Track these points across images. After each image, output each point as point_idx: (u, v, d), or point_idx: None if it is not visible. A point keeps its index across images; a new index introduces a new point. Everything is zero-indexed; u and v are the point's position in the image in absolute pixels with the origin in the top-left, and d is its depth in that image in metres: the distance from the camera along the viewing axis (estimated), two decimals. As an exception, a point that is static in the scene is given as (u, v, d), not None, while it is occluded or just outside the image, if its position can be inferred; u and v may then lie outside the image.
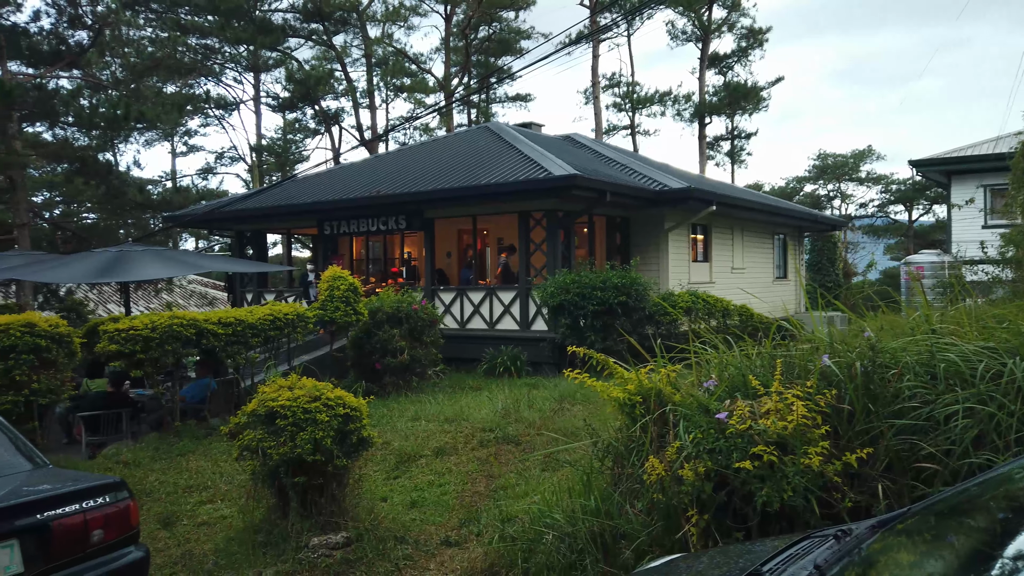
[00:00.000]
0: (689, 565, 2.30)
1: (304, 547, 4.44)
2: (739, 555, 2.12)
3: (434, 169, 15.73)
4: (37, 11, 23.02)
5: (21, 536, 3.14)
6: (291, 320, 9.75)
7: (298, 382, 4.92)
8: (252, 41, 33.59)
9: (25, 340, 6.70)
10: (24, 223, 21.81)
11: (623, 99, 42.14)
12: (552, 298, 12.36)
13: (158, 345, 8.15)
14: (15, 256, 11.49)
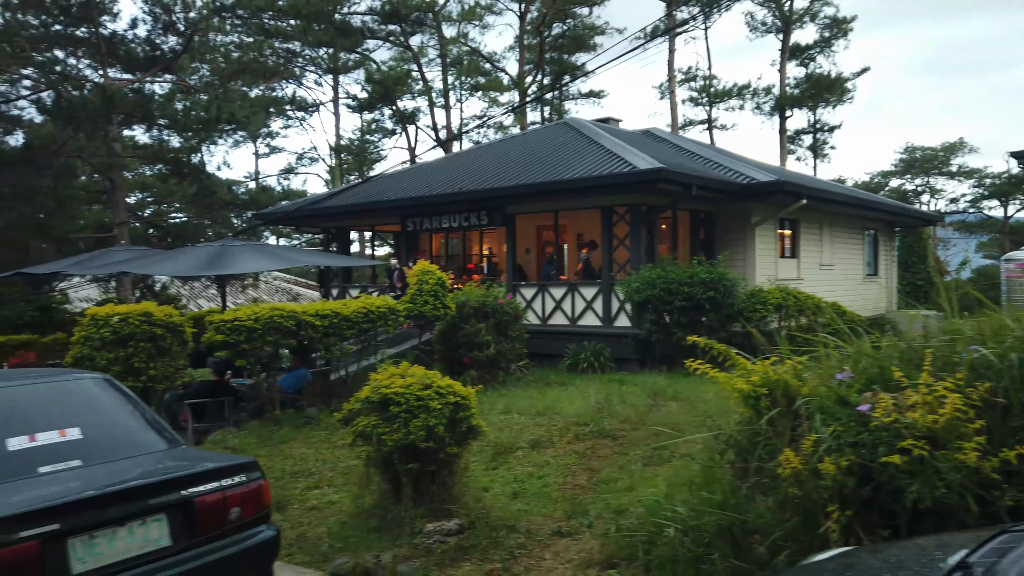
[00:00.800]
0: (875, 556, 2.19)
1: (419, 532, 4.49)
2: (928, 548, 2.01)
3: (515, 165, 15.77)
4: (134, 19, 24.11)
5: (168, 511, 3.27)
6: (383, 313, 9.93)
7: (408, 370, 4.99)
8: (332, 44, 34.48)
9: (143, 329, 7.03)
10: (123, 222, 22.99)
11: (700, 93, 41.31)
12: (637, 293, 12.19)
13: (260, 336, 8.43)
14: (122, 251, 12.12)
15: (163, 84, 24.94)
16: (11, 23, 20.29)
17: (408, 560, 4.25)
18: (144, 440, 3.81)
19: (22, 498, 3.08)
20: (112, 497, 3.12)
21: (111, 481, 3.32)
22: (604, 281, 13.91)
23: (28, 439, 3.44)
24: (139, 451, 3.71)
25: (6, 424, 3.51)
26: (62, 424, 3.62)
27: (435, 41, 38.09)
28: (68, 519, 2.94)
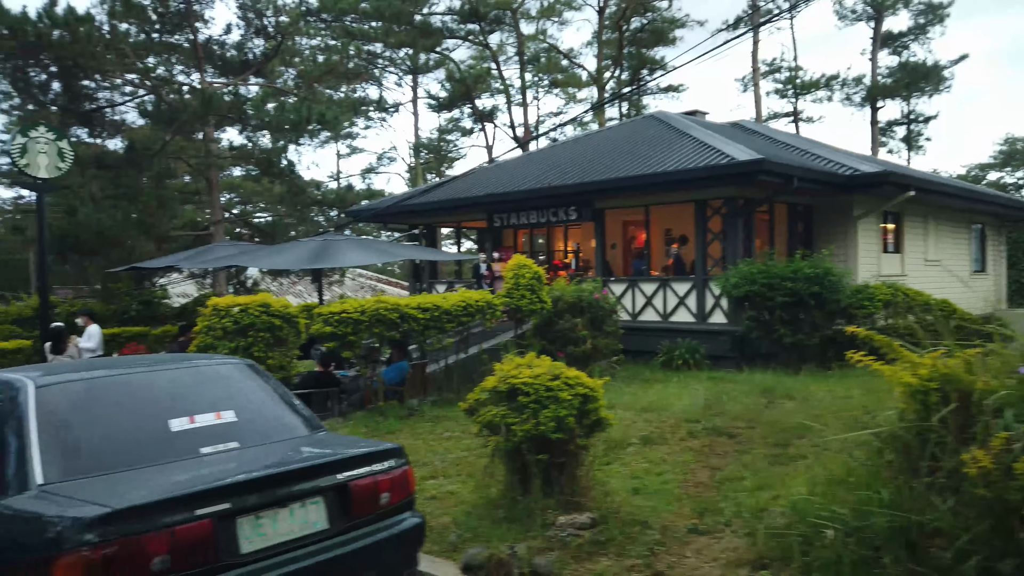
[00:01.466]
0: None
1: (551, 525, 4.42)
2: None
3: (603, 160, 15.57)
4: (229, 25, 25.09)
5: (325, 494, 3.28)
6: (481, 307, 9.94)
7: (534, 360, 4.92)
8: (413, 44, 34.97)
9: (262, 319, 7.23)
10: (218, 220, 23.91)
11: (785, 85, 39.97)
12: (736, 289, 11.83)
13: (366, 327, 8.56)
14: (227, 246, 12.57)
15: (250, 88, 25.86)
16: (115, 32, 21.33)
17: (544, 553, 4.17)
18: (290, 424, 3.86)
19: (191, 477, 3.14)
20: (276, 479, 3.15)
21: (271, 463, 3.36)
22: (698, 276, 13.57)
23: (189, 420, 3.52)
24: (288, 434, 3.76)
25: (168, 406, 3.61)
26: (217, 407, 3.70)
27: (513, 39, 38.17)
28: (237, 499, 2.98)
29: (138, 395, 3.65)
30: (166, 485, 3.00)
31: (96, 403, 3.52)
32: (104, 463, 3.20)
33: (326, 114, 21.58)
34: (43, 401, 3.36)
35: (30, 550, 2.76)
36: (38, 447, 3.16)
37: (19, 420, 3.27)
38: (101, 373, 3.76)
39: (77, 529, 2.64)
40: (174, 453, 3.35)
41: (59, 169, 12.68)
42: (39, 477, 3.05)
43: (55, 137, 12.69)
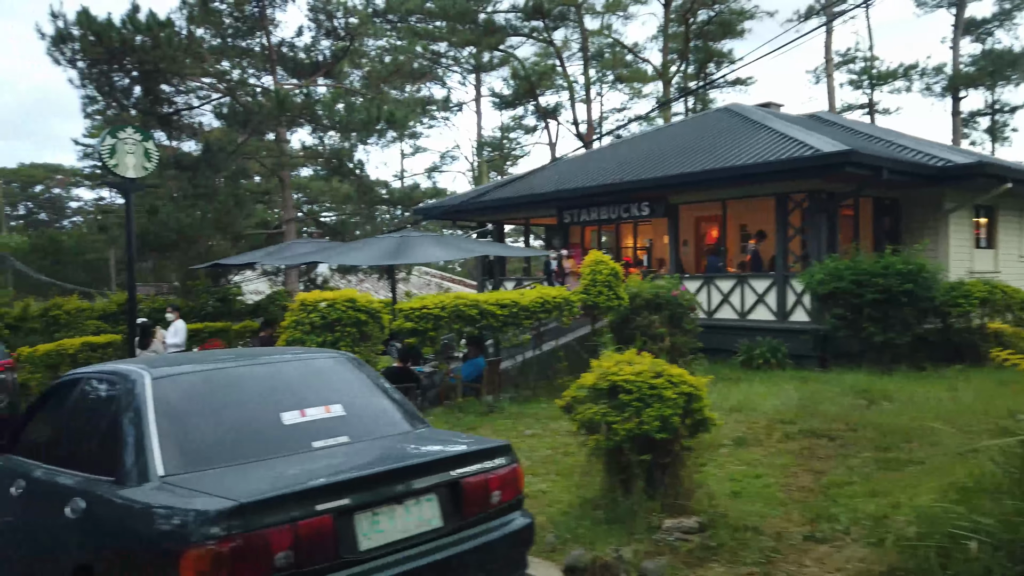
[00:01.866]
0: None
1: (656, 528, 4.25)
2: None
3: (676, 154, 15.21)
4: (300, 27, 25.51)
5: (439, 491, 3.20)
6: (559, 303, 9.81)
7: (634, 356, 4.76)
8: (478, 43, 35.04)
9: (349, 314, 7.27)
10: (290, 219, 24.42)
11: (860, 76, 38.53)
12: (822, 286, 11.36)
13: (447, 323, 8.53)
14: (304, 244, 12.78)
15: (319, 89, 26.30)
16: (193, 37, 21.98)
17: (652, 557, 4.01)
18: (395, 418, 3.80)
19: (309, 472, 3.10)
20: (393, 475, 3.08)
21: (385, 459, 3.30)
22: (778, 273, 13.12)
23: (300, 414, 3.49)
24: (394, 429, 3.70)
25: (278, 398, 3.59)
26: (325, 400, 3.66)
27: (577, 35, 37.88)
28: (356, 495, 2.92)
29: (248, 388, 3.64)
30: (286, 479, 2.96)
31: (209, 395, 3.52)
32: (221, 456, 3.19)
33: (395, 113, 21.79)
34: (160, 393, 3.38)
35: (155, 542, 2.76)
36: (157, 438, 3.17)
37: (137, 411, 3.30)
38: (212, 365, 3.77)
39: (205, 522, 2.62)
40: (287, 447, 3.32)
41: (146, 169, 13.09)
42: (160, 468, 3.06)
43: (142, 138, 13.12)
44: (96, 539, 3.10)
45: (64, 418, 3.88)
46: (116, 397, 3.49)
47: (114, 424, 3.40)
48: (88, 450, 3.54)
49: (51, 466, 3.72)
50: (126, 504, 2.98)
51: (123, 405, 3.38)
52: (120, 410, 3.39)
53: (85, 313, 19.78)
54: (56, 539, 3.38)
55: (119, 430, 3.31)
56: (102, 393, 3.72)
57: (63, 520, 3.27)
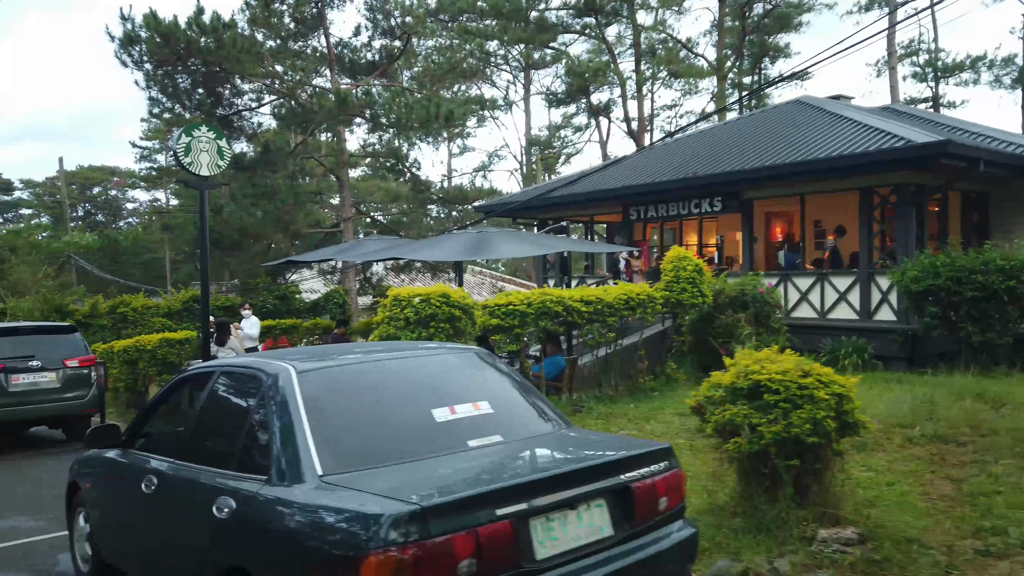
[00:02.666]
0: None
1: (811, 539, 3.95)
2: None
3: (749, 148, 14.74)
4: (358, 26, 25.56)
5: (607, 497, 2.96)
6: (642, 301, 9.51)
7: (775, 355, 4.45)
8: (531, 40, 34.82)
9: (443, 310, 7.11)
10: (348, 217, 24.52)
11: (924, 68, 37.23)
12: (916, 283, 10.82)
13: (533, 320, 8.31)
14: (377, 240, 12.71)
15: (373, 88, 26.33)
16: (254, 38, 22.20)
17: (810, 571, 3.71)
18: (540, 416, 3.58)
19: (477, 473, 2.90)
20: (567, 478, 2.85)
21: (552, 460, 3.08)
22: (862, 270, 12.60)
23: (449, 411, 3.29)
24: (543, 428, 3.47)
25: (425, 394, 3.40)
26: (467, 396, 3.46)
27: (629, 31, 37.36)
28: (532, 499, 2.70)
29: (392, 383, 3.46)
30: (462, 481, 2.76)
31: (356, 390, 3.35)
32: (377, 454, 3.00)
33: (454, 111, 21.70)
34: (307, 387, 3.21)
35: (326, 546, 2.57)
36: (311, 436, 2.99)
37: (286, 407, 3.13)
38: (351, 359, 3.61)
39: (387, 526, 2.42)
40: (443, 445, 3.12)
41: (219, 167, 13.18)
42: (318, 467, 2.88)
43: (215, 136, 13.22)
44: (251, 540, 2.93)
45: (195, 414, 3.75)
46: (259, 392, 3.33)
47: (260, 420, 3.24)
48: (228, 447, 3.39)
49: (185, 463, 3.59)
50: (286, 505, 2.81)
51: (269, 400, 3.22)
52: (266, 406, 3.23)
53: (151, 311, 20.17)
54: (202, 538, 3.24)
55: (267, 427, 3.15)
56: (241, 388, 3.58)
57: (210, 519, 3.13)
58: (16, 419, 9.98)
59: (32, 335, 10.38)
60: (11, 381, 9.79)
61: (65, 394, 10.18)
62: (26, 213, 61.62)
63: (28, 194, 63.40)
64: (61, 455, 10.05)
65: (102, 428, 4.35)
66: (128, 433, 4.35)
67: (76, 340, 10.73)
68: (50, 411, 10.09)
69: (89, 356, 10.68)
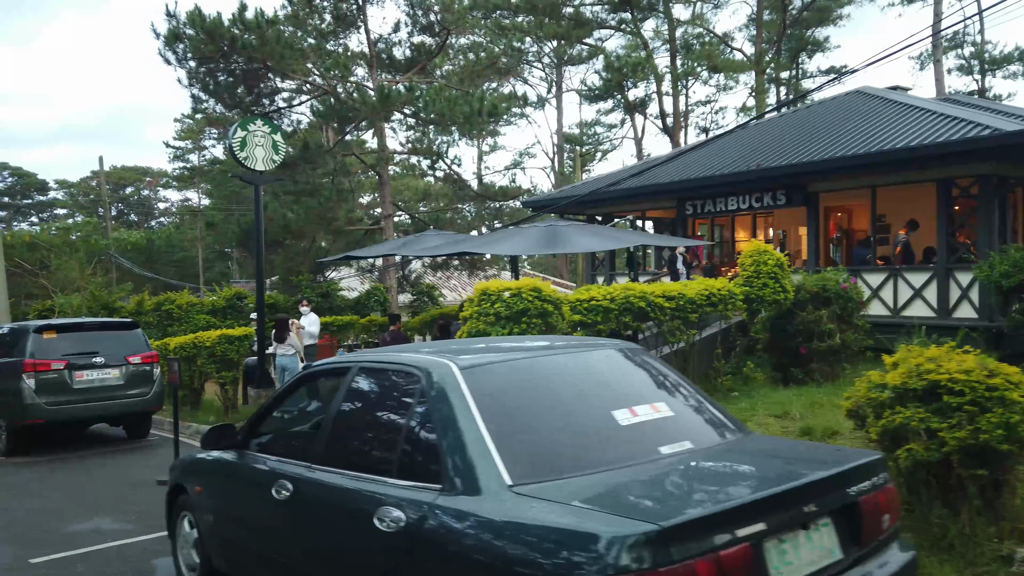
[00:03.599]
0: None
1: (1008, 558, 3.55)
2: None
3: (811, 139, 14.23)
4: (397, 22, 25.32)
5: (833, 515, 2.59)
6: (723, 296, 9.11)
7: (952, 352, 4.05)
8: (566, 36, 34.40)
9: (535, 304, 6.78)
10: (389, 214, 24.30)
11: (969, 60, 36.27)
12: (1006, 279, 10.29)
13: (616, 316, 7.95)
14: (435, 236, 12.43)
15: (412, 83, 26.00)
16: (295, 35, 22.03)
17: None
18: (719, 420, 3.22)
19: (689, 486, 2.55)
20: (798, 493, 2.48)
21: (769, 472, 2.72)
22: (939, 265, 12.07)
23: (630, 412, 2.94)
24: (729, 434, 3.11)
25: (597, 393, 3.06)
26: (641, 396, 3.11)
27: (666, 26, 36.79)
28: (767, 518, 2.34)
29: (560, 380, 3.12)
30: (686, 497, 2.41)
31: (524, 388, 3.01)
32: (566, 461, 2.67)
33: (497, 106, 21.39)
34: (474, 385, 2.88)
35: (536, 568, 2.23)
36: (491, 440, 2.66)
37: (455, 407, 2.80)
38: (510, 355, 3.27)
39: (619, 549, 2.07)
40: (633, 453, 2.77)
41: (274, 161, 13.01)
42: (506, 476, 2.54)
43: (270, 130, 13.02)
44: (430, 557, 2.60)
45: (331, 414, 3.43)
46: (416, 391, 3.01)
47: (421, 422, 2.92)
48: (383, 451, 3.08)
49: (326, 468, 3.28)
50: (474, 519, 2.47)
51: (432, 400, 2.90)
52: (428, 406, 2.90)
53: (196, 308, 20.08)
54: (359, 552, 2.93)
55: (434, 429, 2.82)
56: (391, 386, 3.26)
57: (370, 532, 2.81)
58: (81, 417, 9.83)
59: (95, 331, 10.23)
60: (75, 378, 9.64)
61: (128, 391, 10.03)
62: (60, 213, 62.47)
63: (63, 194, 64.34)
64: (129, 452, 9.90)
65: (221, 428, 4.06)
66: (243, 434, 4.06)
67: (138, 336, 10.57)
68: (114, 408, 9.93)
69: (151, 353, 10.52)
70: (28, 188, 60.71)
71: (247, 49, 20.33)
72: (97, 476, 8.45)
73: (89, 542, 5.78)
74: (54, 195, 64.51)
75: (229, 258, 60.53)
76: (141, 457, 9.61)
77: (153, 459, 9.40)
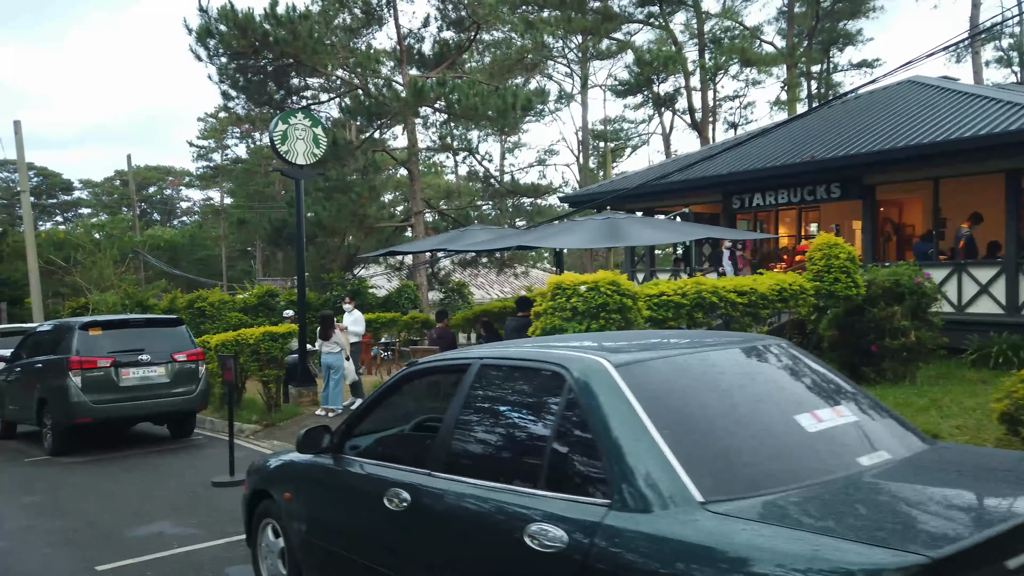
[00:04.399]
0: None
1: None
2: None
3: (864, 130, 13.73)
4: (427, 16, 25.00)
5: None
6: (794, 292, 8.69)
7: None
8: (594, 30, 33.95)
9: (614, 299, 6.42)
10: (419, 211, 24.02)
11: (1007, 52, 35.40)
12: (1088, 274, 9.80)
13: (687, 312, 7.57)
14: (480, 230, 12.11)
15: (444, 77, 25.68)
16: (324, 30, 21.78)
17: None
18: (900, 426, 2.83)
19: (914, 505, 2.18)
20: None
21: (996, 490, 2.34)
22: (1008, 260, 11.56)
23: (813, 417, 2.57)
24: (917, 442, 2.73)
25: (776, 395, 2.69)
26: (819, 399, 2.75)
27: (694, 20, 36.23)
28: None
29: (729, 380, 2.75)
30: (931, 520, 2.04)
31: (691, 390, 2.65)
32: (759, 473, 2.30)
33: (532, 99, 21.04)
34: (636, 386, 2.52)
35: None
36: (668, 448, 2.30)
37: (618, 411, 2.45)
38: (666, 352, 2.90)
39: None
40: (830, 463, 2.40)
41: (315, 155, 12.74)
42: (695, 492, 2.18)
43: (311, 124, 12.75)
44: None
45: (452, 416, 3.09)
46: (562, 390, 2.65)
47: (574, 427, 2.57)
48: (525, 459, 2.73)
49: (451, 477, 2.94)
50: (668, 542, 2.11)
51: (585, 401, 2.54)
52: (582, 408, 2.54)
53: (228, 305, 19.91)
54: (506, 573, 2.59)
55: (594, 435, 2.46)
56: (528, 384, 2.91)
57: (521, 552, 2.46)
58: (128, 415, 9.62)
59: (140, 328, 10.01)
60: (122, 376, 9.41)
61: (174, 389, 9.79)
62: (85, 212, 63.01)
63: (87, 194, 64.90)
64: (175, 452, 9.66)
65: (317, 430, 3.73)
66: (340, 436, 3.73)
67: (182, 333, 10.34)
68: (161, 407, 9.70)
69: (196, 350, 10.28)
70: (53, 188, 61.26)
71: (279, 44, 20.12)
72: (148, 477, 8.20)
73: (154, 548, 5.50)
74: (78, 195, 65.11)
75: (252, 256, 60.75)
76: (189, 457, 9.37)
77: (201, 459, 9.15)
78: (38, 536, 6.00)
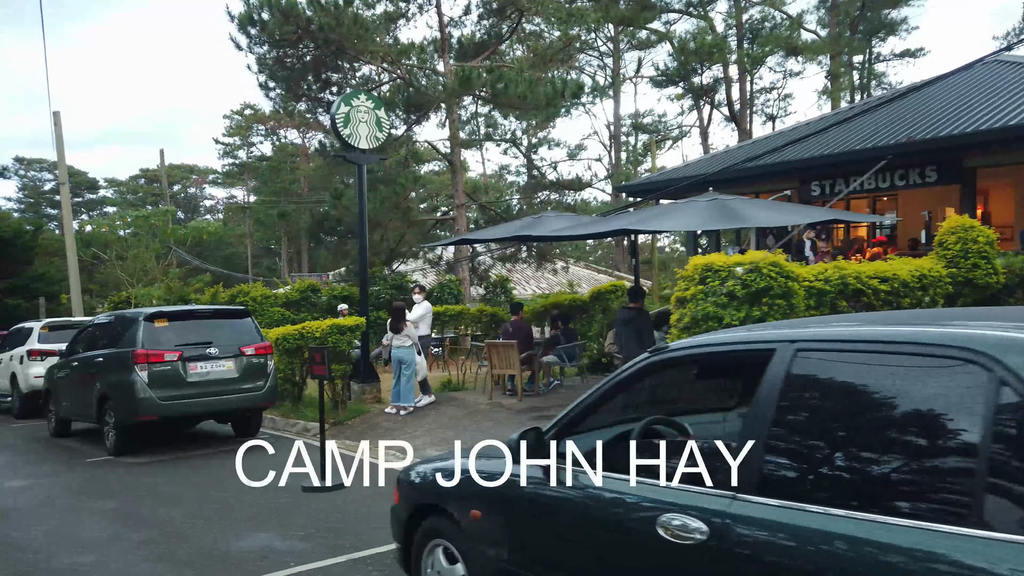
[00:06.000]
0: None
1: None
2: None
3: (963, 109, 12.82)
4: (468, 4, 24.21)
5: None
6: (933, 279, 7.84)
7: None
8: (633, 20, 33.09)
9: (778, 282, 5.54)
10: (462, 203, 23.27)
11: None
12: None
13: (831, 300, 6.74)
14: (555, 218, 11.34)
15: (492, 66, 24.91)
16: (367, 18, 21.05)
17: None
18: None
19: None
20: None
21: None
22: None
23: None
24: None
25: None
26: None
27: (733, 9, 35.25)
28: None
29: None
30: None
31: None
32: None
33: (582, 86, 20.25)
34: None
35: None
36: None
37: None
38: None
39: None
40: None
41: (378, 139, 12.02)
42: None
43: (374, 106, 12.03)
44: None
45: (763, 420, 2.29)
46: (981, 386, 1.86)
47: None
48: (909, 482, 1.95)
49: (774, 502, 2.15)
50: None
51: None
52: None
53: (270, 300, 19.36)
54: None
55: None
56: (898, 376, 2.10)
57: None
58: (195, 412, 8.92)
59: (207, 319, 9.32)
60: (189, 371, 8.71)
61: (243, 385, 9.09)
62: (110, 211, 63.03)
63: (112, 192, 64.97)
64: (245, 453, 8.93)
65: (534, 433, 2.95)
66: (556, 433, 2.95)
67: (250, 325, 9.64)
68: (229, 404, 8.99)
69: (265, 343, 9.58)
70: (78, 186, 61.33)
71: (324, 30, 19.45)
72: (224, 479, 7.47)
73: (267, 567, 4.75)
74: (103, 193, 65.21)
75: (276, 254, 60.41)
76: (259, 459, 8.62)
77: (274, 461, 8.41)
78: (131, 549, 5.28)
